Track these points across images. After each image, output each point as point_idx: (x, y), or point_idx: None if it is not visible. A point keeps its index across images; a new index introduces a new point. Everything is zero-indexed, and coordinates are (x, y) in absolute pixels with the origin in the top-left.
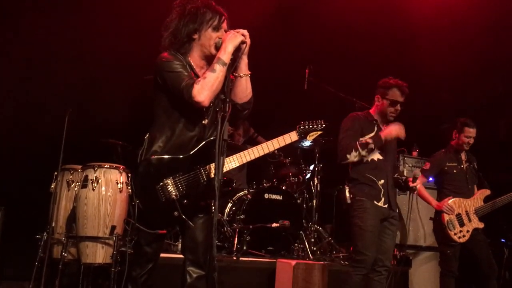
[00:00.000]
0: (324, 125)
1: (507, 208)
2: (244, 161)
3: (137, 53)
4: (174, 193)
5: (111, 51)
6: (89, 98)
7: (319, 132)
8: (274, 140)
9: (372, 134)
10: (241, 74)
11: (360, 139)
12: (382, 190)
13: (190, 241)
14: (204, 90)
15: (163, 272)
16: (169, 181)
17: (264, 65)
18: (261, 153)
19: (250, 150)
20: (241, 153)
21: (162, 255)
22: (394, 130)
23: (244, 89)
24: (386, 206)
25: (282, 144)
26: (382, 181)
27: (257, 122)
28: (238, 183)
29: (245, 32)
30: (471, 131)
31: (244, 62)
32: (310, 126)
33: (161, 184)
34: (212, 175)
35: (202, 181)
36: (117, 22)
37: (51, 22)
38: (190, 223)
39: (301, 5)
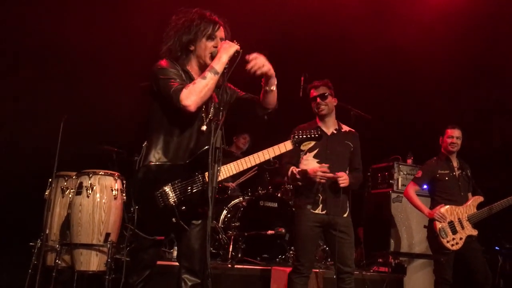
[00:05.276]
0: (317, 135)
1: (501, 216)
2: (241, 169)
3: (133, 59)
4: (172, 200)
5: (107, 57)
6: (84, 105)
7: (313, 142)
8: (270, 149)
9: (313, 143)
10: (272, 88)
11: (291, 168)
12: (321, 197)
13: (186, 248)
14: (191, 95)
15: (158, 279)
16: (167, 188)
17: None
18: (257, 161)
19: (246, 158)
20: (238, 161)
21: (157, 262)
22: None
23: (274, 99)
24: (324, 212)
25: (278, 153)
26: (321, 189)
27: (252, 130)
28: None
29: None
30: (454, 131)
31: (274, 79)
32: (304, 136)
33: (160, 190)
34: None
35: (200, 188)
36: (113, 28)
37: (47, 29)
38: (188, 228)
39: (297, 14)
